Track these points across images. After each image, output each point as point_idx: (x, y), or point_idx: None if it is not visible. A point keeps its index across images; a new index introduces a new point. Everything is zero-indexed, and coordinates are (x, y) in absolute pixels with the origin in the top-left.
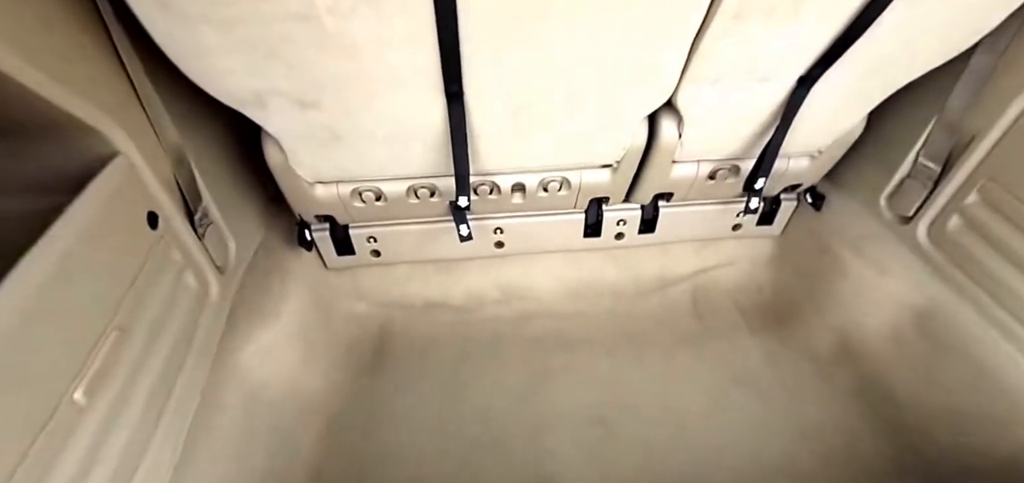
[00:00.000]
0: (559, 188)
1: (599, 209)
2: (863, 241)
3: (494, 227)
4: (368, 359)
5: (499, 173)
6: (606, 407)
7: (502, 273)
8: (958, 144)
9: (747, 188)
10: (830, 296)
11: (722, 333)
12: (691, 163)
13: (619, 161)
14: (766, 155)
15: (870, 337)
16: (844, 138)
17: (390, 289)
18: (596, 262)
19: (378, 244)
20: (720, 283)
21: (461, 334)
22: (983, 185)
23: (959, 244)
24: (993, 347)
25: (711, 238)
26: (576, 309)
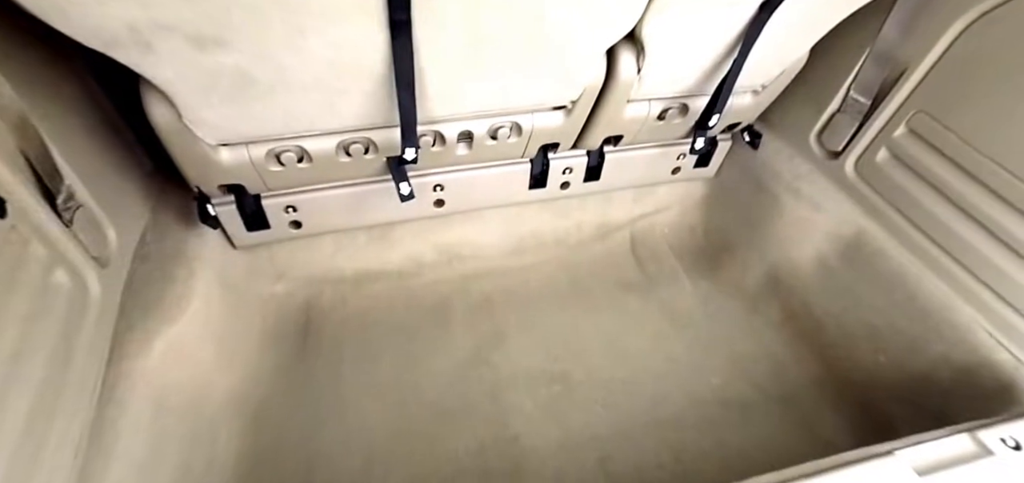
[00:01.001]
0: (509, 135)
1: (546, 158)
2: (794, 178)
3: (434, 184)
4: (294, 343)
5: (447, 120)
6: (561, 360)
7: (442, 234)
8: (889, 77)
9: (698, 126)
10: (762, 234)
11: (660, 277)
12: (644, 102)
13: (574, 101)
14: (722, 89)
15: (799, 270)
16: (788, 71)
17: (315, 263)
18: (539, 214)
19: (299, 214)
20: (656, 228)
21: (401, 303)
22: (913, 117)
23: (886, 176)
24: (913, 271)
25: (650, 184)
26: (522, 264)
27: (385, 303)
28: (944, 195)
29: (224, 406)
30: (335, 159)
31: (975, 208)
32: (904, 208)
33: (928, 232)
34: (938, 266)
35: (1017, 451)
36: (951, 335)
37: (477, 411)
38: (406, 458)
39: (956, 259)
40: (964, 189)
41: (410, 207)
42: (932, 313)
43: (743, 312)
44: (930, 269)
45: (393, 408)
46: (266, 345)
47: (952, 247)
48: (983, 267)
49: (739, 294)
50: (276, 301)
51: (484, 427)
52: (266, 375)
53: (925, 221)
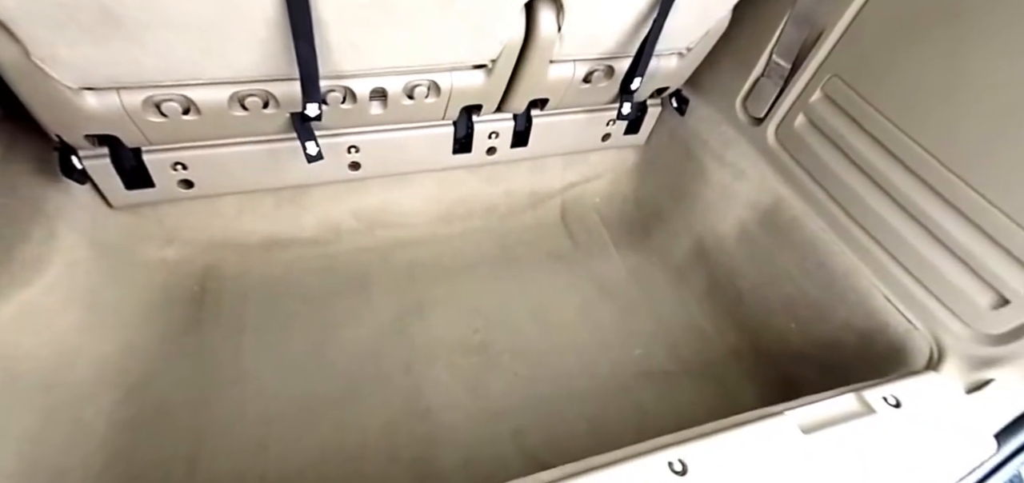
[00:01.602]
0: (426, 94)
1: (470, 121)
2: (720, 145)
3: (348, 145)
4: (187, 312)
5: (354, 75)
6: (483, 331)
7: (361, 199)
8: (808, 41)
9: (623, 90)
10: (689, 203)
11: (591, 247)
12: (568, 63)
13: (495, 60)
14: (643, 50)
15: (723, 240)
16: (712, 32)
17: (214, 227)
18: (466, 181)
19: (190, 172)
20: (587, 197)
21: (317, 272)
22: (827, 82)
23: (802, 143)
24: (824, 238)
25: (581, 151)
26: (450, 232)
27: (298, 271)
28: (852, 162)
29: (94, 377)
30: (229, 113)
31: (879, 174)
32: (818, 175)
33: (837, 199)
34: (846, 233)
35: (897, 408)
36: (854, 300)
37: (390, 384)
38: (308, 432)
39: (860, 225)
40: (870, 155)
41: (322, 169)
42: (838, 279)
43: (670, 283)
44: (839, 236)
45: (298, 381)
46: (153, 313)
47: (857, 213)
48: (883, 232)
49: (667, 265)
50: (167, 267)
51: (397, 400)
52: (151, 345)
53: (835, 188)
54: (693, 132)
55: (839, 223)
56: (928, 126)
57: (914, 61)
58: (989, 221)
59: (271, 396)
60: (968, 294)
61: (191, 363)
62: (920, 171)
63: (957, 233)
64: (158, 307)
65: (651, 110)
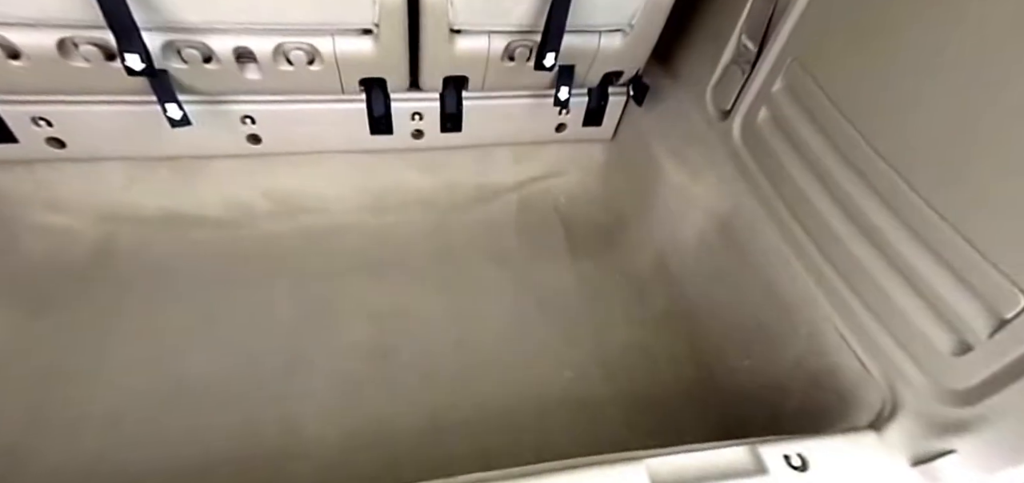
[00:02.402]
0: (310, 61)
1: (385, 98)
2: (682, 141)
3: (241, 115)
4: (63, 288)
5: (206, 30)
6: (390, 335)
7: (271, 178)
8: (775, 15)
9: (539, 68)
10: (650, 208)
11: (540, 252)
12: (480, 35)
13: (378, 24)
14: (552, 19)
15: (683, 252)
16: (652, 7)
17: (101, 195)
18: (399, 168)
19: (56, 129)
20: (548, 196)
21: (222, 255)
22: (788, 66)
23: (763, 141)
24: (779, 258)
25: (532, 142)
26: (379, 223)
27: (201, 254)
28: (809, 166)
29: None
30: (65, 62)
31: (834, 183)
32: (776, 181)
33: (795, 211)
34: (802, 252)
35: (799, 473)
36: (806, 334)
37: (262, 388)
38: (153, 439)
39: (817, 243)
40: (826, 160)
41: (213, 139)
42: (793, 307)
43: (624, 299)
44: (795, 255)
45: (161, 378)
46: (23, 283)
47: (813, 228)
48: (839, 254)
49: (624, 278)
50: (51, 235)
51: (263, 409)
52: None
53: (793, 197)
54: (654, 126)
55: (795, 239)
56: (889, 130)
57: (876, 47)
58: (952, 250)
59: (126, 391)
60: (928, 336)
61: (50, 344)
62: (877, 184)
63: (916, 261)
64: (32, 277)
65: (613, 99)
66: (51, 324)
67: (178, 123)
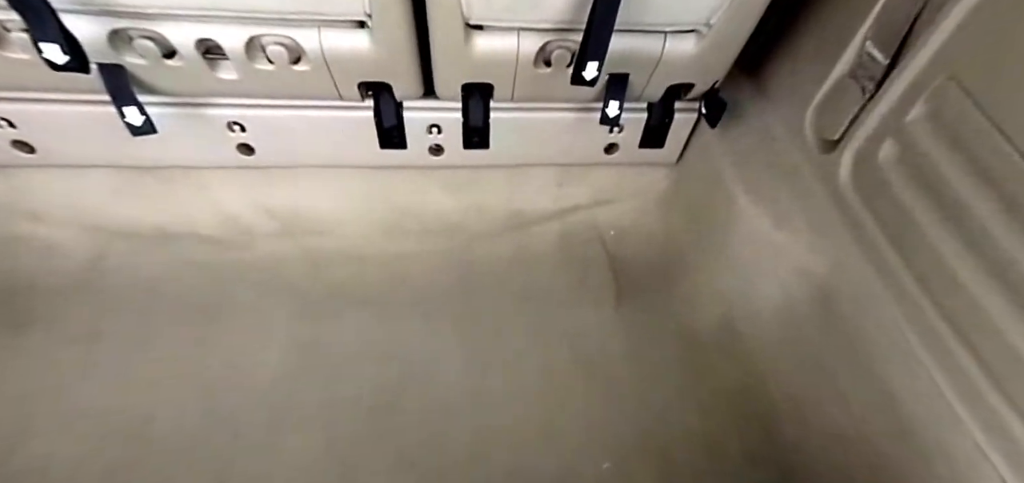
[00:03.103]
0: (295, 59)
1: (396, 107)
2: (766, 175)
3: (227, 120)
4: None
5: (156, 16)
6: (394, 390)
7: (271, 192)
8: (922, 16)
9: (576, 78)
10: (718, 254)
11: (581, 296)
12: (507, 32)
13: (370, 14)
14: (595, 18)
15: (757, 315)
16: (742, 4)
17: (87, 206)
18: (417, 183)
19: (21, 131)
20: (593, 228)
21: (215, 279)
22: (937, 87)
23: (886, 184)
24: (902, 350)
25: (576, 163)
26: (396, 250)
27: (194, 276)
28: (958, 225)
29: None
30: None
31: (997, 252)
32: (902, 240)
33: (929, 285)
34: (937, 344)
35: None
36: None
37: (243, 442)
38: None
39: (961, 334)
40: (987, 218)
41: (202, 149)
42: (918, 426)
43: (680, 367)
44: (927, 348)
45: (132, 422)
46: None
47: (958, 313)
48: (996, 351)
49: (682, 339)
50: (39, 246)
51: (243, 466)
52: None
53: (928, 266)
54: (730, 152)
55: (928, 325)
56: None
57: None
58: None
59: (90, 437)
60: None
61: (22, 373)
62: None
63: None
64: (11, 293)
65: (680, 116)
66: (27, 347)
67: (139, 130)
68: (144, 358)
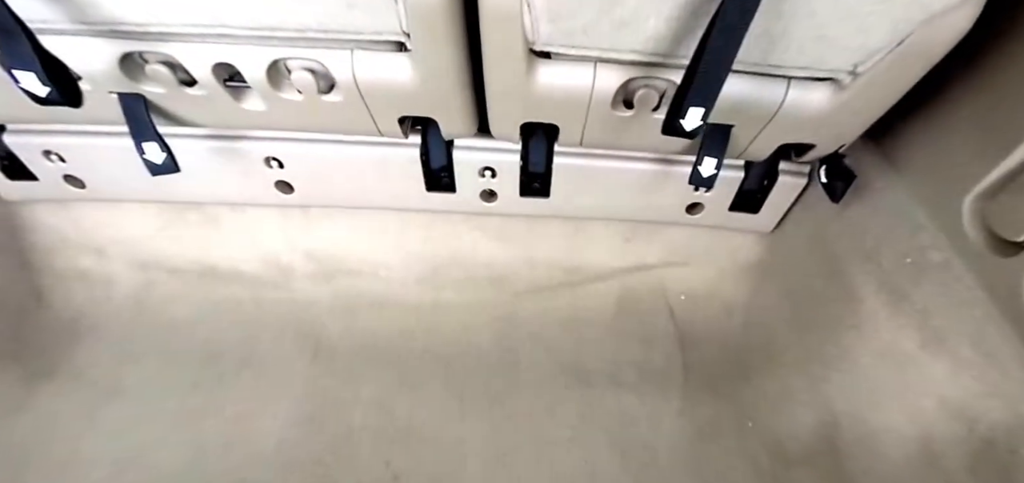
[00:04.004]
0: (327, 88)
1: (446, 148)
2: (907, 271)
3: (264, 156)
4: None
5: (164, 34)
6: (399, 474)
7: (311, 231)
8: None
9: (670, 127)
10: (825, 355)
11: (639, 374)
12: (578, 61)
13: (409, 33)
14: (707, 51)
15: (877, 447)
16: (921, 42)
17: (139, 241)
18: (463, 230)
19: (70, 166)
20: (661, 291)
21: (246, 320)
22: None
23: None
24: None
25: (649, 220)
26: (434, 300)
27: (229, 316)
28: None
29: None
30: None
31: None
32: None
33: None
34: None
35: None
36: None
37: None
38: None
39: None
40: None
41: (239, 185)
42: None
43: (757, 476)
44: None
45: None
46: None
47: None
48: None
49: (761, 446)
50: (87, 282)
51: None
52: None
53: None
54: (853, 233)
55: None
56: None
57: None
58: None
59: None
60: None
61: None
62: None
63: None
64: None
65: (785, 180)
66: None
67: (159, 168)
68: (148, 413)
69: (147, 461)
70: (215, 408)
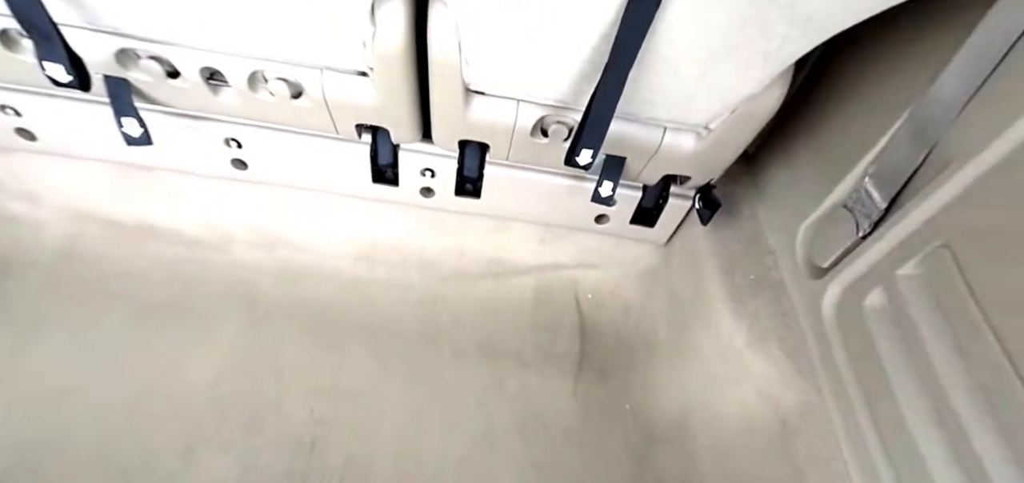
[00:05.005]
0: (296, 95)
1: (393, 149)
2: (749, 284)
3: (225, 136)
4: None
5: (163, 43)
6: (326, 426)
7: (258, 206)
8: (924, 171)
9: (569, 160)
10: (687, 350)
11: (545, 357)
12: (505, 101)
13: (372, 69)
14: (594, 107)
15: (717, 429)
16: (745, 113)
17: (84, 196)
18: (401, 218)
19: (25, 120)
20: (574, 290)
21: (182, 278)
22: (932, 252)
23: (867, 332)
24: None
25: (564, 226)
26: (366, 276)
27: (163, 273)
28: (935, 401)
29: None
30: (13, 56)
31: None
32: (872, 395)
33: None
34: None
35: None
36: None
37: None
38: None
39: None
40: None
41: (197, 158)
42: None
43: (626, 453)
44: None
45: (50, 422)
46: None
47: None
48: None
49: (636, 425)
50: (16, 225)
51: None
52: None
53: (892, 432)
54: (717, 250)
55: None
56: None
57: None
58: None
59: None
60: None
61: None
62: None
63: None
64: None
65: (674, 202)
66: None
67: (135, 141)
68: (78, 350)
69: (73, 399)
70: (145, 353)
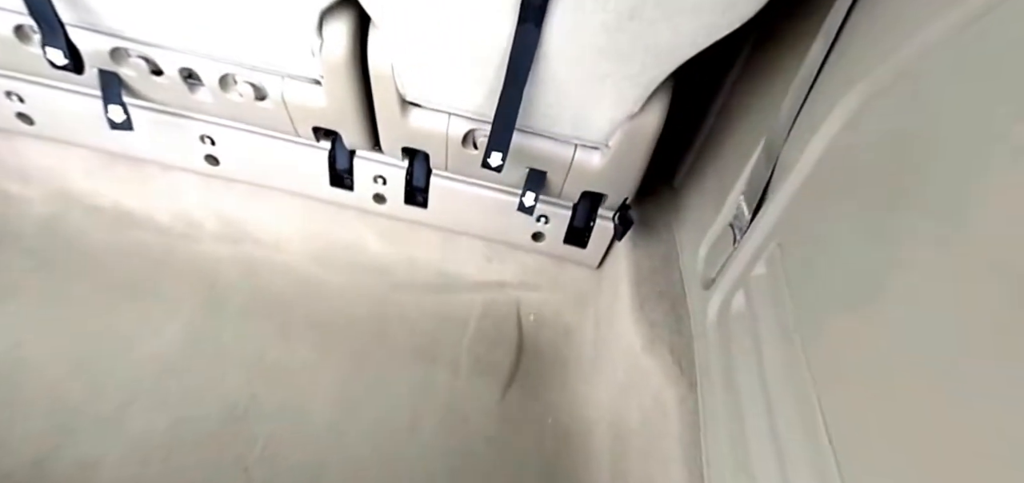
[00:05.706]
0: (260, 96)
1: (349, 155)
2: (651, 295)
3: (200, 133)
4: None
5: (148, 44)
6: (261, 401)
7: (224, 201)
8: (774, 179)
9: (483, 163)
10: (605, 362)
11: (481, 370)
12: (438, 114)
13: (323, 76)
14: (499, 114)
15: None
16: (632, 131)
17: (68, 177)
18: (357, 226)
19: (28, 107)
20: (517, 307)
21: (150, 259)
22: (772, 251)
23: (731, 333)
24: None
25: (504, 242)
26: (324, 277)
27: (133, 253)
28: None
29: None
30: (24, 48)
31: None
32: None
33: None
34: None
35: None
36: None
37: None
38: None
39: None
40: (773, 384)
41: (169, 149)
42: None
43: (539, 462)
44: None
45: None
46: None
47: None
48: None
49: (554, 436)
50: (5, 201)
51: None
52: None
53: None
54: (632, 266)
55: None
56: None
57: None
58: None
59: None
60: None
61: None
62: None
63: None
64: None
65: (601, 223)
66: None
67: (118, 125)
68: (43, 314)
69: (28, 348)
70: (104, 320)
